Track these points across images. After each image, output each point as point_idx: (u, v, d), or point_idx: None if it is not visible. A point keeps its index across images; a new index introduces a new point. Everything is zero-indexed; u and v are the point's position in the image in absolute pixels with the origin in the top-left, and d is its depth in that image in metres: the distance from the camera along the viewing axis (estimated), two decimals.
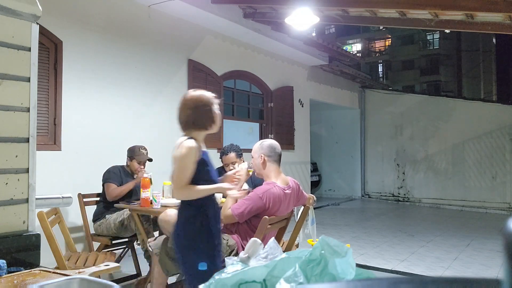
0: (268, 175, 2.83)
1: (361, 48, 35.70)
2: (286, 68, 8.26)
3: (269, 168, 2.82)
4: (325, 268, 0.70)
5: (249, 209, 2.67)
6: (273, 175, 2.82)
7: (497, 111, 9.65)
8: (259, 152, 2.82)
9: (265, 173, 2.84)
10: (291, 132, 8.31)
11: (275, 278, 0.75)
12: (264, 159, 2.79)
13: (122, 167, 4.09)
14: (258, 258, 1.06)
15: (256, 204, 2.67)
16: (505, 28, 5.41)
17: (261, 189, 2.74)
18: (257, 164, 2.84)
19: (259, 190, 2.74)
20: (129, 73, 5.04)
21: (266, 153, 2.81)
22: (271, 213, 2.71)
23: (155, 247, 2.71)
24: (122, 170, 4.04)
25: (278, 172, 2.86)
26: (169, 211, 2.84)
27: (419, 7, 5.10)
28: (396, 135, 10.85)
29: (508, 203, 9.30)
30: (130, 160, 4.04)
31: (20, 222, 1.55)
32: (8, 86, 1.72)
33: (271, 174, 2.82)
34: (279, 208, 2.75)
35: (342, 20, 6.36)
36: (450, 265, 4.79)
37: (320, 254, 0.72)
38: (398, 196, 10.78)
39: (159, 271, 2.70)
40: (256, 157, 2.84)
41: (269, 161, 2.80)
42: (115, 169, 4.00)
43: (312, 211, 3.25)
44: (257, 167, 2.85)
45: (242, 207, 2.67)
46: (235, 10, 6.18)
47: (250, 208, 2.67)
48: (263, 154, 2.79)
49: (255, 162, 2.85)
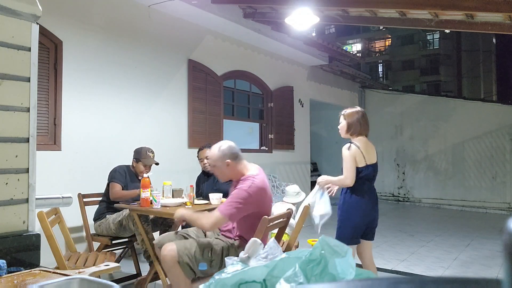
0: (240, 172, 2.73)
1: (361, 48, 35.69)
2: (286, 68, 8.26)
3: (238, 167, 2.72)
4: (325, 268, 0.70)
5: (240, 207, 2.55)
6: (245, 170, 2.73)
7: (497, 111, 9.66)
8: (222, 159, 2.69)
9: (235, 174, 2.74)
10: (291, 132, 8.31)
11: (275, 278, 0.75)
12: (230, 163, 2.68)
13: (127, 167, 4.08)
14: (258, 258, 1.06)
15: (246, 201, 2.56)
16: (505, 28, 5.41)
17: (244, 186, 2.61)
18: (222, 172, 2.72)
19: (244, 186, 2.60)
20: (129, 73, 5.04)
21: (230, 157, 2.70)
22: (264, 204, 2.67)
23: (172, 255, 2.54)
24: (127, 171, 4.03)
25: (246, 164, 2.77)
26: (169, 246, 2.60)
27: (419, 7, 5.10)
28: (396, 135, 10.85)
29: (508, 203, 9.30)
30: (136, 162, 4.02)
31: (20, 222, 1.55)
32: (8, 86, 1.72)
33: (243, 171, 2.73)
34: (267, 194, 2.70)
35: (342, 20, 6.35)
36: (450, 265, 4.79)
37: (320, 254, 0.72)
38: (398, 196, 10.78)
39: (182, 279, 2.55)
40: (220, 165, 2.70)
41: (236, 162, 2.71)
42: (121, 169, 4.00)
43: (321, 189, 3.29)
44: (223, 174, 2.74)
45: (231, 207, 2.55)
46: (235, 10, 6.18)
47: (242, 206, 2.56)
48: (229, 160, 2.68)
49: (220, 170, 2.72)
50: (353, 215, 3.13)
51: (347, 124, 3.24)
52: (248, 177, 2.66)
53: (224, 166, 2.69)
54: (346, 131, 3.26)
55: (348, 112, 3.30)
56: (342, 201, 3.19)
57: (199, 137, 5.89)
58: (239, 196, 2.57)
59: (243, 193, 2.57)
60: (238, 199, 2.56)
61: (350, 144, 3.15)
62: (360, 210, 3.14)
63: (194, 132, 5.88)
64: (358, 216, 3.14)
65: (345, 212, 3.14)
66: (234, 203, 2.55)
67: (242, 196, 2.57)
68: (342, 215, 3.16)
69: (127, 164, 4.14)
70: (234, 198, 2.57)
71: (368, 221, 3.20)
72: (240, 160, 2.74)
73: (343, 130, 3.27)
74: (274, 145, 7.77)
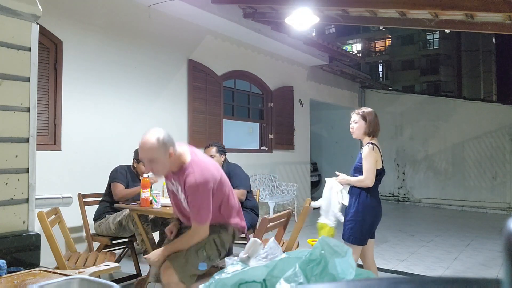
0: (179, 160, 2.38)
1: (361, 48, 35.69)
2: (286, 68, 8.26)
3: (177, 155, 2.36)
4: (325, 268, 0.70)
5: (208, 206, 2.36)
6: (187, 154, 2.42)
7: (497, 111, 9.66)
8: (165, 149, 2.29)
9: (176, 164, 2.38)
10: (291, 132, 8.31)
11: (275, 278, 0.75)
12: (173, 151, 2.32)
13: (128, 167, 4.08)
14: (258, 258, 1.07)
15: (208, 196, 2.35)
16: (505, 28, 5.41)
17: (195, 174, 2.32)
18: (164, 165, 2.33)
19: (196, 175, 2.31)
20: (129, 73, 5.04)
21: (172, 144, 2.33)
22: (220, 182, 2.48)
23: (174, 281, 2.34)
24: (128, 171, 4.03)
25: (182, 148, 2.44)
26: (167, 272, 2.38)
27: (419, 7, 5.10)
28: (396, 135, 10.86)
29: (508, 203, 9.30)
30: (137, 162, 4.02)
31: (20, 222, 1.55)
32: (8, 86, 1.72)
33: (185, 155, 2.40)
34: (213, 171, 2.45)
35: (342, 20, 6.35)
36: (450, 265, 4.79)
37: (320, 254, 0.72)
38: (398, 196, 10.78)
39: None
40: (162, 157, 2.28)
41: (175, 149, 2.36)
42: (122, 169, 3.99)
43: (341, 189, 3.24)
44: (164, 167, 2.36)
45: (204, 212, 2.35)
46: (235, 10, 6.18)
47: (208, 204, 2.36)
48: (171, 148, 2.31)
49: (162, 163, 2.31)
50: (369, 215, 3.12)
51: (368, 124, 3.19)
52: (192, 162, 2.36)
53: (167, 158, 2.29)
54: (364, 132, 3.20)
55: (367, 111, 3.25)
56: (357, 201, 3.15)
57: (199, 137, 5.89)
58: (202, 199, 2.34)
59: (202, 193, 2.32)
60: (203, 202, 2.34)
61: (373, 145, 3.12)
62: (376, 211, 3.16)
63: (194, 132, 5.88)
64: (374, 216, 3.15)
65: (360, 213, 3.12)
66: (202, 208, 2.34)
67: (204, 196, 2.33)
68: (357, 216, 3.13)
69: (127, 164, 4.14)
70: (199, 203, 2.33)
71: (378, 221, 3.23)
72: (177, 144, 2.38)
73: (361, 130, 3.19)
74: (274, 145, 7.77)
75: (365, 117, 3.20)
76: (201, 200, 2.34)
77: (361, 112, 3.25)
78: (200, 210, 2.35)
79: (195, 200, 2.35)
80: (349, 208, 3.21)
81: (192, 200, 2.35)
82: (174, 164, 2.38)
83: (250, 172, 6.98)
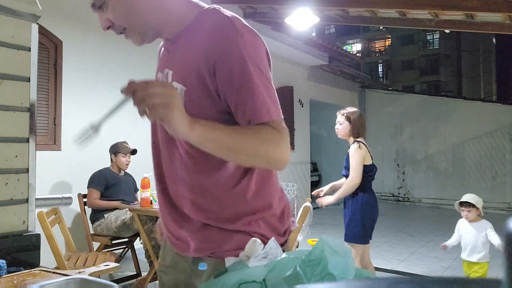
0: (188, 9, 1.17)
1: (361, 48, 35.69)
2: (286, 68, 8.26)
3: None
4: (325, 268, 0.70)
5: (269, 80, 1.06)
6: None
7: (497, 111, 9.66)
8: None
9: (180, 13, 1.15)
10: (291, 132, 8.31)
11: (275, 278, 0.75)
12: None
13: (107, 169, 4.07)
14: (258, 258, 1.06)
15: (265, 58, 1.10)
16: (505, 28, 5.41)
17: (234, 19, 1.10)
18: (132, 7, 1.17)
19: (236, 19, 1.09)
20: (129, 73, 5.04)
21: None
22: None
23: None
24: (107, 173, 4.02)
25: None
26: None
27: (419, 7, 5.10)
28: (396, 135, 10.85)
29: (508, 203, 9.30)
30: (115, 155, 4.05)
31: (20, 222, 1.55)
32: (8, 86, 1.72)
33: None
34: None
35: (342, 20, 6.35)
36: (450, 265, 4.79)
37: (320, 254, 0.72)
38: (398, 196, 10.78)
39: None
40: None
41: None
42: (99, 174, 3.99)
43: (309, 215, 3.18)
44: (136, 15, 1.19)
45: (267, 88, 1.03)
46: (235, 10, 6.17)
47: (269, 78, 1.03)
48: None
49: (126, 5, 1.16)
50: (368, 213, 3.13)
51: (352, 124, 3.21)
52: (214, 13, 1.14)
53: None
54: (349, 132, 3.21)
55: (351, 111, 3.27)
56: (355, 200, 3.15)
57: None
58: (261, 72, 1.08)
59: (260, 61, 1.08)
60: (264, 79, 1.07)
61: (358, 143, 3.13)
62: (374, 208, 3.17)
63: None
64: (372, 214, 3.16)
65: (359, 211, 3.11)
66: (268, 89, 1.04)
67: (265, 69, 1.07)
68: (356, 214, 3.13)
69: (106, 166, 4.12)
70: (259, 81, 1.01)
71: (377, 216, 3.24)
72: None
73: (346, 130, 3.22)
74: None
75: (349, 118, 3.22)
76: (263, 71, 1.02)
77: (345, 113, 3.28)
78: (272, 94, 1.02)
79: (247, 76, 0.98)
80: (347, 209, 3.21)
81: (241, 76, 0.98)
82: (166, 19, 1.12)
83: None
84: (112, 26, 1.19)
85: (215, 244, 1.07)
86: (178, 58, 1.09)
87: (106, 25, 1.19)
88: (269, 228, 1.09)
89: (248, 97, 0.97)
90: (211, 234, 1.07)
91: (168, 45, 1.15)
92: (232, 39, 0.98)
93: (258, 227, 1.07)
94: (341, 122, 3.27)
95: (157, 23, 1.11)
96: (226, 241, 1.06)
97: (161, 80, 1.09)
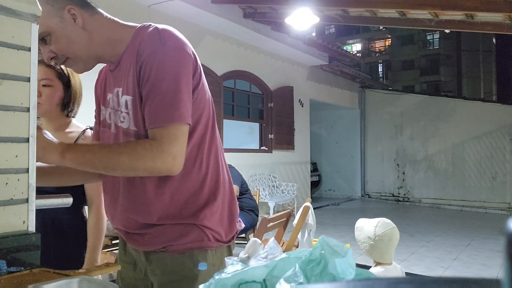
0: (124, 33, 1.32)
1: (361, 48, 35.70)
2: (286, 68, 8.26)
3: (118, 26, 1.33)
4: (325, 268, 0.70)
5: (187, 86, 1.25)
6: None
7: (497, 111, 9.66)
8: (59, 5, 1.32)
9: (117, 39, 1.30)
10: (291, 132, 8.31)
11: (275, 278, 0.75)
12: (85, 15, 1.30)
13: None
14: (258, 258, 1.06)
15: (186, 62, 1.26)
16: (505, 28, 5.41)
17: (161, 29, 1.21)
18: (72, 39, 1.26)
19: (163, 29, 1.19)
20: None
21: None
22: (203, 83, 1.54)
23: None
24: None
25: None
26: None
27: (419, 7, 5.10)
28: (396, 135, 10.86)
29: (508, 203, 9.30)
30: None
31: (20, 222, 1.55)
32: (8, 86, 1.72)
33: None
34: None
35: (342, 20, 6.36)
36: (450, 265, 4.79)
37: (320, 254, 0.72)
38: (398, 196, 10.78)
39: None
40: (62, 24, 1.31)
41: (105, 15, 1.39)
42: None
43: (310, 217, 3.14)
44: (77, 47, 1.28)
45: (178, 92, 1.10)
46: (235, 10, 6.19)
47: (187, 83, 1.24)
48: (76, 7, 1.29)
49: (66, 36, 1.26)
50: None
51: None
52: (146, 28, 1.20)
53: (73, 27, 1.24)
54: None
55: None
56: None
57: None
58: (178, 77, 1.15)
59: (177, 63, 1.21)
60: (179, 83, 1.15)
61: None
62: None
63: None
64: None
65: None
66: (178, 93, 1.14)
67: (182, 72, 1.20)
68: None
69: None
70: (172, 85, 1.11)
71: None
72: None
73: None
74: (274, 145, 7.77)
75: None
76: (176, 78, 1.09)
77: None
78: (175, 99, 1.07)
79: (163, 77, 1.08)
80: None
81: (157, 77, 1.07)
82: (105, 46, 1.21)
83: (250, 172, 6.98)
84: (56, 57, 1.25)
85: (166, 238, 1.14)
86: (122, 75, 1.18)
87: (50, 56, 1.28)
88: (217, 222, 1.17)
89: (150, 101, 1.07)
90: (163, 229, 1.14)
91: (113, 68, 1.23)
92: (154, 47, 1.09)
93: (207, 221, 1.14)
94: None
95: (98, 50, 1.21)
96: (179, 235, 1.14)
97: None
